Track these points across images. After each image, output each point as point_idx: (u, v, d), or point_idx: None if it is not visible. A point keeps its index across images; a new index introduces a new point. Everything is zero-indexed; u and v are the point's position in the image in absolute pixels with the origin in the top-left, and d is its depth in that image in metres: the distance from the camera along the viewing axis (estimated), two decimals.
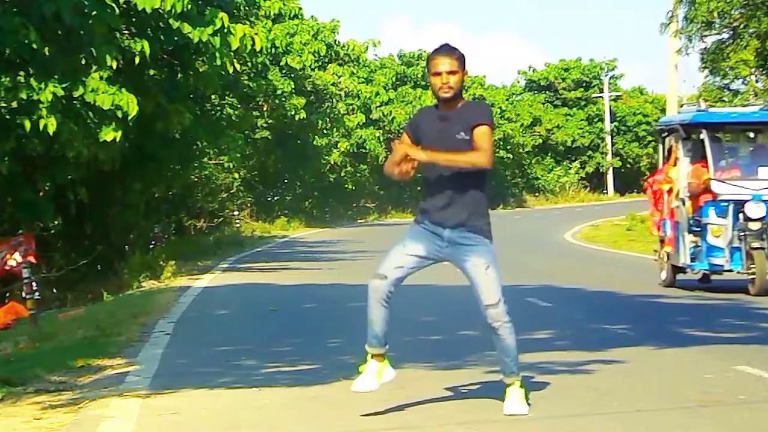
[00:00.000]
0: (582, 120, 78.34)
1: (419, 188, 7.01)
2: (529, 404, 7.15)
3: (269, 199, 52.73)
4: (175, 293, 19.16)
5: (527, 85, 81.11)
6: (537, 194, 74.72)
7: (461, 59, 7.07)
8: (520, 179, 73.29)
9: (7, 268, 18.90)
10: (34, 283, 17.01)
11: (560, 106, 78.97)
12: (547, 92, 79.76)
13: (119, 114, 17.14)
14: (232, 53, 17.91)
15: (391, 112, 57.73)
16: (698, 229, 16.91)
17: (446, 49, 7.11)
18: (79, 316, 16.70)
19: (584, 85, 79.97)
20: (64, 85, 15.58)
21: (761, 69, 29.67)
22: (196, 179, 35.83)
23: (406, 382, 8.36)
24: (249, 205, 48.76)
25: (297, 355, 10.63)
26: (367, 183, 59.47)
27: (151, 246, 28.59)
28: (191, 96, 22.20)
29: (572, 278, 19.98)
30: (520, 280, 19.37)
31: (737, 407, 7.35)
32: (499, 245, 7.20)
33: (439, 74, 7.02)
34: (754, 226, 16.28)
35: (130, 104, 16.94)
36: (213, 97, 26.00)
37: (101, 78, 16.84)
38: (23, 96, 15.40)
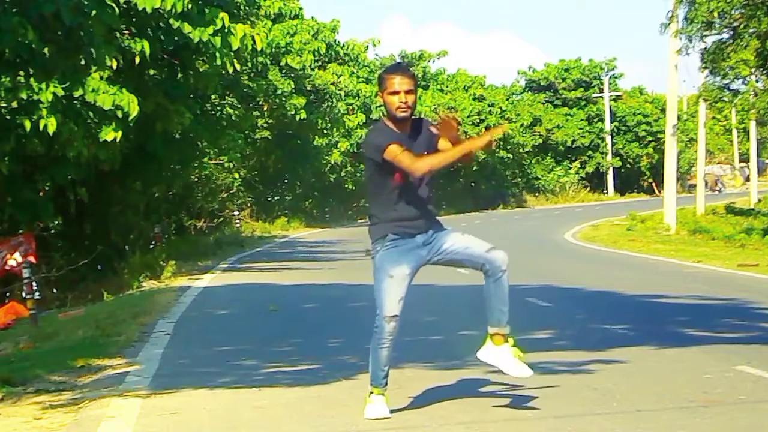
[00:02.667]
0: (582, 120, 78.37)
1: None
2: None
3: (269, 199, 52.71)
4: (175, 293, 19.16)
5: (527, 85, 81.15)
6: (537, 194, 74.74)
7: (415, 79, 7.14)
8: (520, 179, 73.30)
9: (7, 268, 18.94)
10: (34, 283, 17.03)
11: (560, 106, 78.99)
12: (547, 92, 79.79)
13: (120, 114, 17.14)
14: (232, 53, 17.91)
15: None
16: None
17: (403, 69, 7.14)
18: (79, 316, 16.70)
19: (584, 85, 80.00)
20: (64, 86, 15.59)
21: (761, 69, 29.63)
22: (196, 179, 35.82)
23: (406, 382, 8.36)
24: (249, 205, 48.76)
25: (297, 355, 10.64)
26: None
27: (151, 246, 28.58)
28: (191, 96, 22.19)
29: (572, 278, 19.99)
30: (520, 280, 19.34)
31: (737, 407, 7.35)
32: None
33: (397, 93, 7.02)
34: None
35: (132, 104, 16.94)
36: (213, 97, 26.00)
37: (101, 78, 16.85)
38: (23, 96, 15.39)
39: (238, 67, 19.44)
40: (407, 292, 7.07)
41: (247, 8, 25.85)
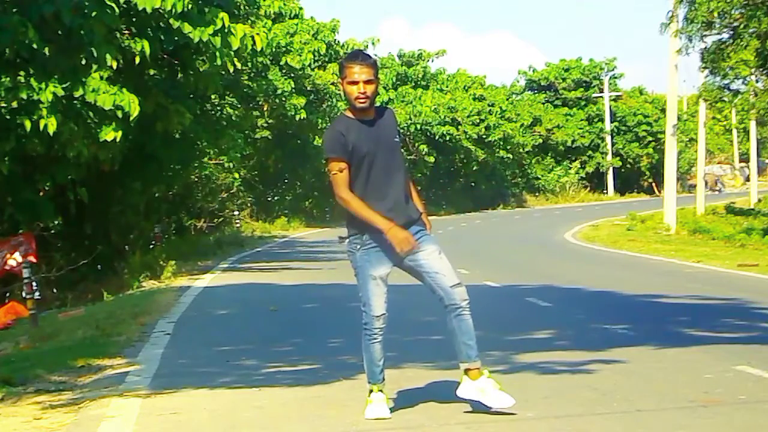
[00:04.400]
0: (582, 120, 78.39)
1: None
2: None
3: (269, 199, 52.71)
4: (175, 293, 19.16)
5: (527, 85, 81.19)
6: (537, 194, 74.76)
7: (376, 67, 7.02)
8: (520, 179, 73.31)
9: (7, 268, 18.93)
10: (34, 283, 17.02)
11: (560, 106, 79.01)
12: (547, 92, 79.81)
13: (120, 114, 17.14)
14: (232, 53, 17.90)
15: None
16: None
17: (363, 57, 7.01)
18: (79, 316, 16.70)
19: (584, 85, 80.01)
20: (64, 85, 15.60)
21: (761, 69, 29.64)
22: (196, 179, 35.82)
23: (406, 382, 8.36)
24: (249, 205, 48.74)
25: (297, 355, 10.64)
26: None
27: (151, 246, 28.57)
28: (191, 96, 22.18)
29: (572, 278, 19.98)
30: (520, 280, 19.38)
31: (737, 407, 7.35)
32: (499, 245, 7.22)
33: (355, 83, 6.93)
34: None
35: (132, 105, 16.94)
36: (213, 97, 25.98)
37: (102, 78, 16.84)
38: (23, 96, 15.41)
39: (238, 65, 19.42)
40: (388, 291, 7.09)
41: (247, 8, 25.84)
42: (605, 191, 78.55)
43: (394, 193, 7.02)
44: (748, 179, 71.93)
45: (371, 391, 7.15)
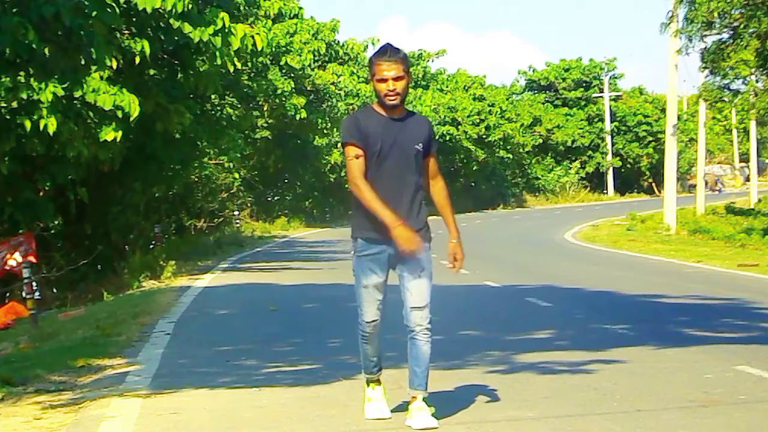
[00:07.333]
0: (582, 120, 78.42)
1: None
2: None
3: (269, 199, 52.71)
4: (175, 293, 19.16)
5: (527, 85, 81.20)
6: (537, 194, 74.78)
7: (406, 61, 6.78)
8: (520, 179, 73.31)
9: (7, 268, 18.92)
10: (34, 283, 17.03)
11: (560, 106, 79.03)
12: (547, 92, 79.82)
13: (120, 114, 17.14)
14: (232, 53, 17.90)
15: None
16: None
17: (391, 53, 6.76)
18: (79, 316, 16.70)
19: (584, 85, 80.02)
20: (64, 85, 15.59)
21: (761, 69, 29.63)
22: (196, 179, 35.80)
23: (405, 382, 8.35)
24: (249, 205, 48.73)
25: (297, 355, 10.64)
26: None
27: (151, 246, 28.57)
28: (191, 96, 22.17)
29: (572, 278, 19.98)
30: (520, 280, 19.38)
31: (737, 407, 7.35)
32: (499, 245, 7.21)
33: (384, 80, 6.72)
34: None
35: (132, 105, 16.94)
36: (213, 97, 25.96)
37: (102, 78, 16.84)
38: (23, 96, 15.40)
39: (238, 65, 19.41)
40: (385, 292, 6.96)
41: (247, 8, 25.82)
42: (605, 191, 78.57)
43: (399, 200, 6.78)
44: (748, 179, 71.94)
45: (368, 385, 7.13)
